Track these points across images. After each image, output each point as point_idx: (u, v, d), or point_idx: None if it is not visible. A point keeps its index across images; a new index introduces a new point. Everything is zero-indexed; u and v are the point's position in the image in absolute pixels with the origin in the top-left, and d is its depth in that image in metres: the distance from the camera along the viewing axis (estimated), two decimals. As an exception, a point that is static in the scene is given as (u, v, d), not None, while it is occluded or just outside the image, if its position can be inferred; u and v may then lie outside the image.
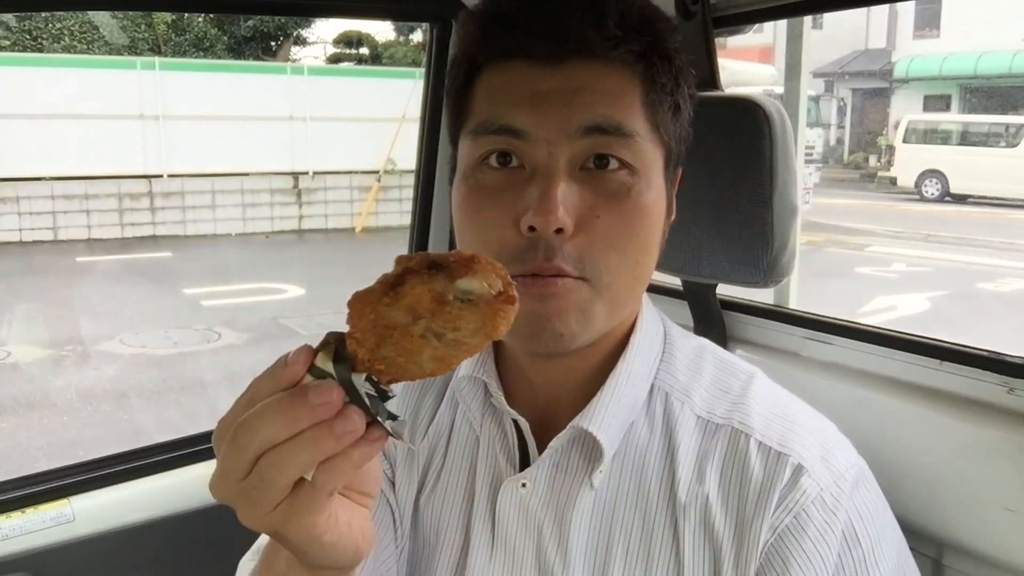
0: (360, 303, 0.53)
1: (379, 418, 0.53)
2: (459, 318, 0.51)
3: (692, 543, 0.71)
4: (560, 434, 0.75)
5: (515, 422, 0.78)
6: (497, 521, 0.78)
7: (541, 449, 0.77)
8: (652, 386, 0.78)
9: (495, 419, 0.81)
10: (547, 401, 0.79)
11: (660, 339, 0.81)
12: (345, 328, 0.54)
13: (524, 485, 0.77)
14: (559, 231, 0.67)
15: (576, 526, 0.75)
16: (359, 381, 0.53)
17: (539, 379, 0.79)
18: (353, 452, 0.52)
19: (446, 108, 0.79)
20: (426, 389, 0.88)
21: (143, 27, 13.85)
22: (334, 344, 0.54)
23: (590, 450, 0.75)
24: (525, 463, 0.78)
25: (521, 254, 0.68)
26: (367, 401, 0.53)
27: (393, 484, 0.87)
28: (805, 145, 9.60)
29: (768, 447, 0.72)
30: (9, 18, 12.29)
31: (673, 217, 0.79)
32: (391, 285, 0.53)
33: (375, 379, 0.54)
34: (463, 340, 0.52)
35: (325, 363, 0.53)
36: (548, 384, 0.79)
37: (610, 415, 0.74)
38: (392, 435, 0.54)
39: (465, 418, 0.83)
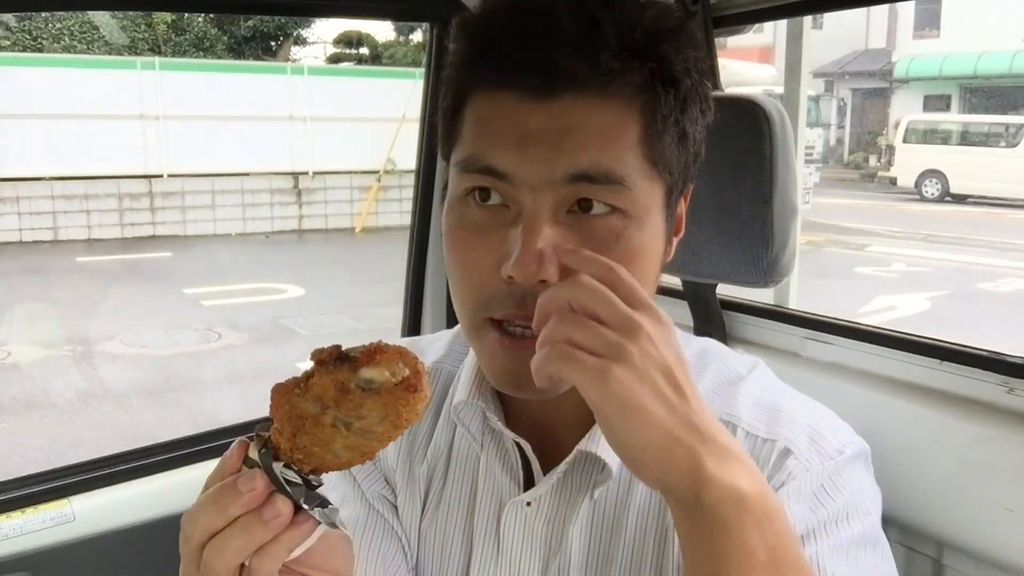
0: (277, 394, 0.56)
1: (304, 505, 0.56)
2: (361, 406, 0.54)
3: None
4: (567, 459, 0.74)
5: (517, 443, 0.77)
6: (502, 539, 0.77)
7: (544, 466, 0.76)
8: None
9: (495, 440, 0.79)
10: (547, 421, 0.78)
11: None
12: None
13: (528, 504, 0.76)
14: (543, 281, 0.63)
15: (576, 535, 0.74)
16: (279, 469, 0.56)
17: (534, 404, 0.77)
18: (283, 537, 0.55)
19: (440, 125, 0.75)
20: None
21: (143, 27, 13.85)
22: (262, 435, 0.57)
23: (594, 468, 0.74)
24: (528, 480, 0.77)
25: (502, 299, 0.67)
26: (288, 488, 0.55)
27: (396, 508, 0.85)
28: (805, 145, 9.58)
29: (755, 436, 0.71)
30: (9, 18, 12.29)
31: (681, 234, 0.76)
32: (305, 377, 0.56)
33: (297, 468, 0.56)
34: (370, 428, 0.54)
35: (254, 453, 0.57)
36: (544, 406, 0.76)
37: None
38: (321, 522, 0.56)
39: (465, 438, 0.82)
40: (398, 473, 0.85)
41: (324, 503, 0.58)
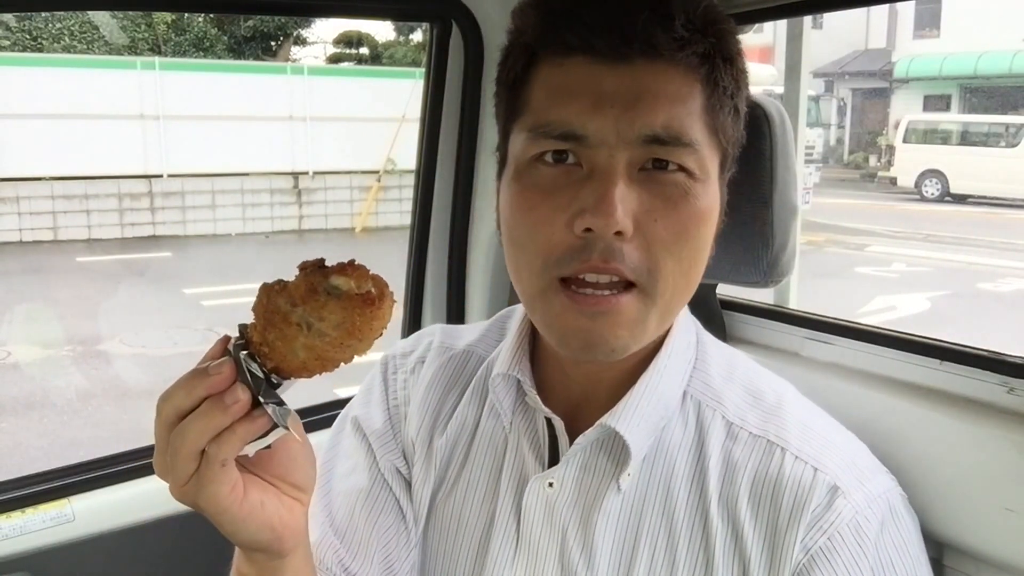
0: (261, 290, 0.60)
1: (260, 398, 0.60)
2: (323, 307, 0.58)
3: (722, 550, 0.71)
4: (587, 431, 0.74)
5: (548, 420, 0.78)
6: (523, 519, 0.77)
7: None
8: (685, 392, 0.77)
9: (526, 417, 0.80)
10: (581, 399, 0.78)
11: (693, 344, 0.80)
12: None
13: (551, 485, 0.76)
14: (619, 234, 0.66)
15: (601, 529, 0.74)
16: (244, 359, 0.60)
17: (575, 376, 0.78)
18: (238, 427, 0.60)
19: (497, 98, 0.77)
20: (449, 387, 0.88)
21: (143, 27, 13.84)
22: (241, 330, 0.62)
23: (618, 452, 0.75)
24: (554, 460, 0.77)
25: (573, 254, 0.68)
26: (249, 379, 0.60)
27: (409, 485, 0.86)
28: (805, 145, 9.59)
29: (804, 462, 0.71)
30: (9, 18, 12.29)
31: (727, 218, 0.78)
32: (287, 282, 0.61)
33: (261, 362, 0.61)
34: (326, 331, 0.59)
35: (232, 344, 0.62)
36: (584, 381, 0.78)
37: (639, 416, 0.74)
38: (273, 418, 0.61)
39: (492, 415, 0.82)
40: (417, 446, 0.86)
41: (280, 403, 0.62)
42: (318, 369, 0.61)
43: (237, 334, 0.62)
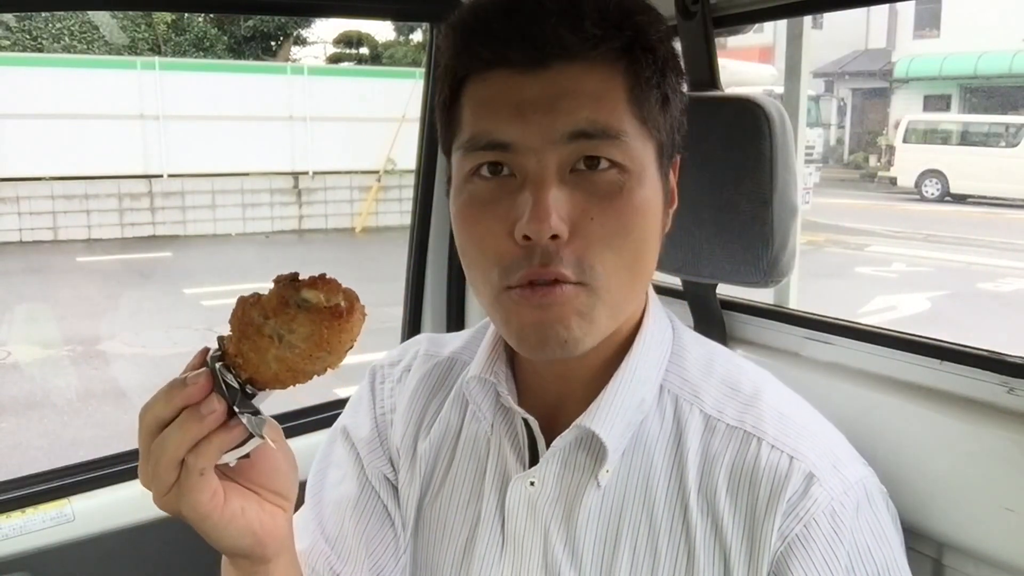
0: (238, 303, 0.62)
1: (236, 408, 0.62)
2: (293, 320, 0.60)
3: (702, 542, 0.72)
4: (564, 433, 0.75)
5: (525, 421, 0.79)
6: (507, 519, 0.78)
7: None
8: (661, 387, 0.78)
9: (506, 419, 0.81)
10: (556, 400, 0.79)
11: (668, 339, 0.81)
12: None
13: (532, 483, 0.77)
14: (555, 237, 0.67)
15: (583, 524, 0.75)
16: (220, 370, 0.62)
17: (548, 376, 0.79)
18: (215, 436, 0.61)
19: (438, 120, 0.79)
20: (433, 393, 0.89)
21: (143, 27, 13.85)
22: (220, 341, 0.64)
23: (596, 449, 0.75)
24: (535, 461, 0.78)
25: (519, 262, 0.69)
26: (224, 390, 0.62)
27: (396, 490, 0.87)
28: (805, 145, 9.59)
29: (780, 451, 0.72)
30: (9, 18, 12.29)
31: (675, 206, 0.78)
32: (260, 295, 0.62)
33: (236, 373, 0.63)
34: (296, 344, 0.60)
35: (209, 356, 0.64)
36: (557, 381, 0.79)
37: (614, 414, 0.74)
38: (248, 427, 0.62)
39: (475, 418, 0.84)
40: (402, 452, 0.87)
41: (256, 412, 0.63)
42: (291, 381, 0.62)
43: (216, 345, 0.64)
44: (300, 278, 0.61)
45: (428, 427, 0.86)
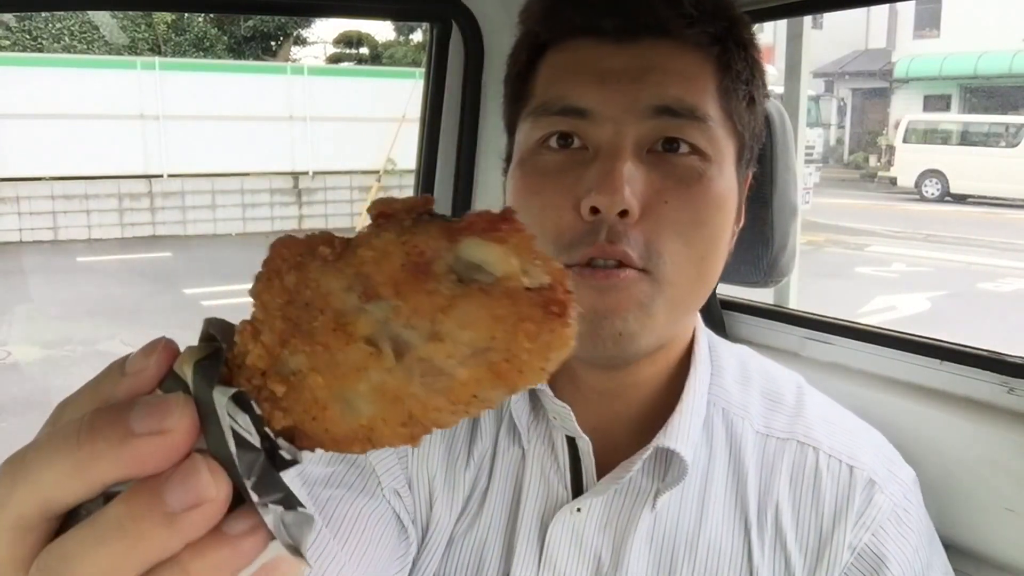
0: (279, 250, 0.32)
1: (252, 493, 0.27)
2: (450, 309, 0.27)
3: (766, 561, 0.68)
4: (638, 453, 0.68)
5: (568, 439, 0.71)
6: (546, 549, 0.70)
7: (598, 471, 0.71)
8: (708, 401, 0.73)
9: (543, 435, 0.73)
10: (607, 419, 0.72)
11: (708, 351, 0.77)
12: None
13: (579, 510, 0.70)
14: (624, 213, 0.61)
15: (637, 551, 0.69)
16: (225, 405, 0.28)
17: (594, 395, 0.72)
18: (194, 560, 0.27)
19: (504, 96, 0.74)
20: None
21: (143, 27, 13.85)
22: (211, 336, 0.30)
23: (663, 470, 0.70)
24: (576, 482, 0.71)
25: (581, 239, 0.62)
26: (231, 448, 0.27)
27: (405, 507, 0.76)
28: (805, 145, 9.57)
29: (838, 460, 0.70)
30: (9, 18, 12.29)
31: (742, 224, 0.74)
32: (347, 240, 0.29)
33: (261, 414, 0.29)
34: (445, 369, 0.27)
35: (185, 365, 0.29)
36: (605, 399, 0.72)
37: (693, 431, 0.69)
38: (277, 538, 0.28)
39: (509, 434, 0.75)
40: (437, 479, 0.74)
41: (291, 501, 0.28)
42: (393, 441, 0.29)
43: (206, 344, 0.31)
44: (435, 211, 0.29)
45: (466, 448, 0.77)
